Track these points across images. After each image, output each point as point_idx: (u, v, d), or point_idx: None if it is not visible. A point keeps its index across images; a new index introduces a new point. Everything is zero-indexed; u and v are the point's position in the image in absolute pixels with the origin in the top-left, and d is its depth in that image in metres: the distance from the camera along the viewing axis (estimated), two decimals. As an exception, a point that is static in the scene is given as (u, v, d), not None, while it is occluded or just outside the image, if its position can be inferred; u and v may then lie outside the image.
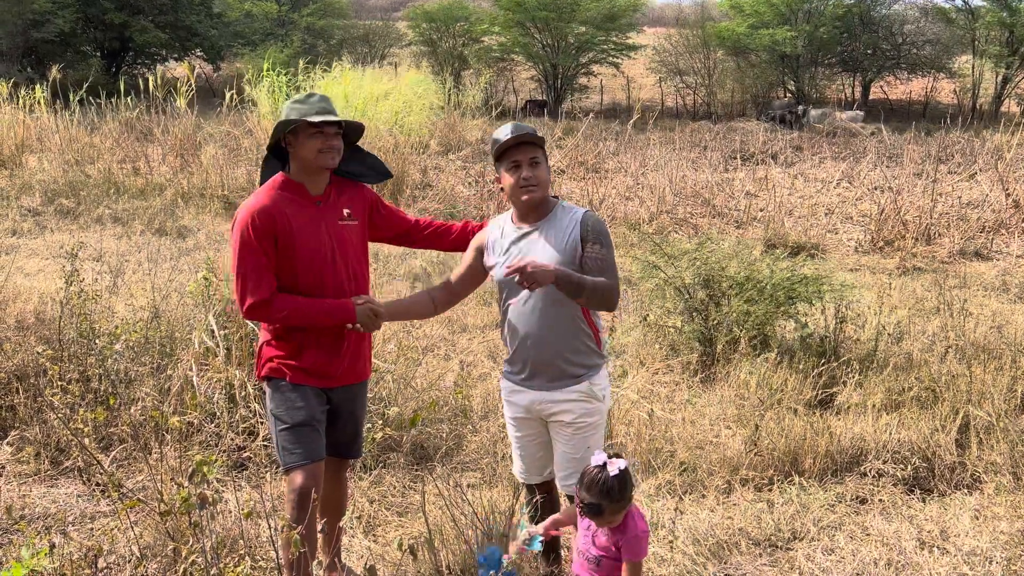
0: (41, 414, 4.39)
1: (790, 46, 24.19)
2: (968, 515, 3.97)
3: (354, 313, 3.03)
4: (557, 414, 3.05)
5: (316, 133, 3.00)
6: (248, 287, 2.96)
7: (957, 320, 5.93)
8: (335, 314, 3.03)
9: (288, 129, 3.04)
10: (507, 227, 3.13)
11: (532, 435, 3.17)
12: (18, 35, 24.41)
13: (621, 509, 2.69)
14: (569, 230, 2.99)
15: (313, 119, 2.97)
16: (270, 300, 2.97)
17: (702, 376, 5.46)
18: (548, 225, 3.03)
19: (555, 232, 3.00)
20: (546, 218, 3.04)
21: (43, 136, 13.92)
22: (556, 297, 2.95)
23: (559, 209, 3.06)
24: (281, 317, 3.00)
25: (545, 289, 2.92)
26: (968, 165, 14.24)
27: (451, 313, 6.81)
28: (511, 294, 3.06)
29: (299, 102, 3.07)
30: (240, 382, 4.49)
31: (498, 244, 3.12)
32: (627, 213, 10.88)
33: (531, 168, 2.99)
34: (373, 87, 14.75)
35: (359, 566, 3.54)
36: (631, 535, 2.70)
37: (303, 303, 3.00)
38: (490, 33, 27.70)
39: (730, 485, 4.23)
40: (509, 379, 3.16)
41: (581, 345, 3.03)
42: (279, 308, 2.98)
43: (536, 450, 3.19)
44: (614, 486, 2.64)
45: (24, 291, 6.48)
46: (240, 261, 2.97)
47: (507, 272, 2.87)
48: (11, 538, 3.60)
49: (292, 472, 2.98)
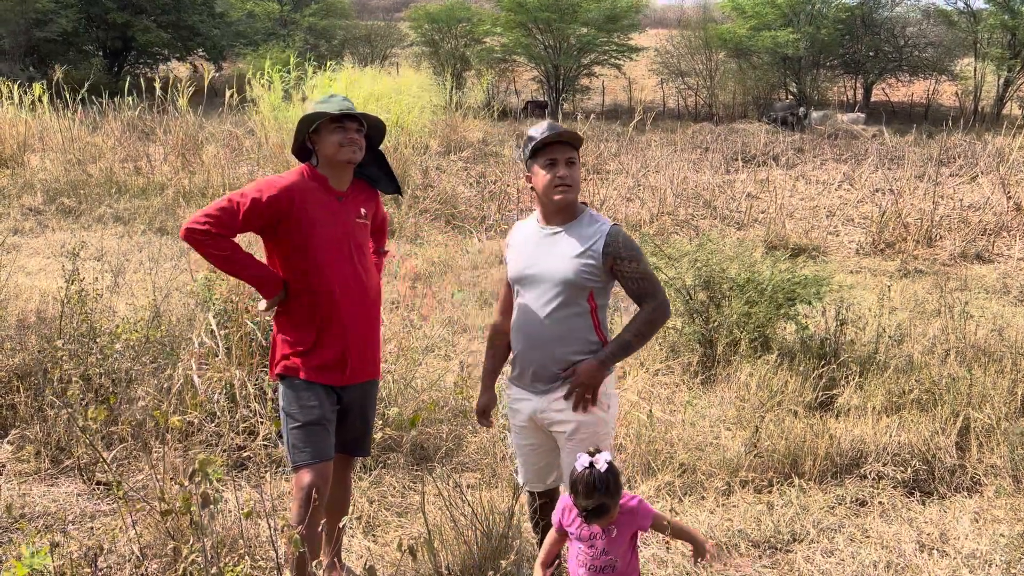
0: (42, 413, 4.39)
1: (792, 48, 24.18)
2: (968, 518, 3.97)
3: (274, 294, 3.09)
4: (558, 423, 3.01)
5: (338, 128, 3.08)
6: (211, 215, 2.98)
7: (958, 323, 5.92)
8: (262, 286, 3.09)
9: (312, 128, 3.12)
10: (532, 227, 3.11)
11: (535, 444, 3.15)
12: (21, 34, 24.43)
13: (619, 500, 2.68)
14: (592, 240, 2.96)
15: (333, 112, 3.05)
16: (215, 235, 2.98)
17: (702, 378, 5.46)
18: (573, 229, 3.01)
19: (577, 238, 2.98)
20: (572, 222, 3.02)
21: (45, 135, 13.94)
22: (570, 301, 2.96)
23: (586, 216, 3.04)
24: (211, 255, 3.02)
25: (558, 285, 2.95)
26: (970, 168, 14.24)
27: (452, 313, 6.82)
28: (523, 292, 3.06)
29: (322, 102, 3.15)
30: (240, 382, 4.49)
31: (522, 243, 3.11)
32: (628, 214, 10.88)
33: (567, 167, 2.97)
34: (373, 86, 14.76)
35: (358, 566, 3.55)
36: (636, 512, 2.71)
37: (243, 258, 3.04)
38: (492, 34, 27.70)
39: (730, 487, 4.23)
40: (513, 383, 3.16)
41: (584, 348, 2.99)
42: (218, 247, 3.00)
43: (538, 459, 3.17)
44: (608, 479, 2.62)
45: (25, 290, 6.49)
46: (229, 196, 3.03)
47: (566, 403, 2.98)
48: (11, 537, 3.60)
49: (301, 471, 3.01)
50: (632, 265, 2.95)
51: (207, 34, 28.57)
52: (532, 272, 3.01)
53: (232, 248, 3.04)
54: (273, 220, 3.04)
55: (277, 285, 3.10)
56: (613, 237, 2.95)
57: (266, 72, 14.52)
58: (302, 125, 3.13)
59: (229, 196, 3.04)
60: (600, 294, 3.00)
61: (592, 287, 2.96)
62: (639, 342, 3.00)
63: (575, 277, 2.93)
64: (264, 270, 3.10)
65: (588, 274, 2.94)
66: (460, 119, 17.91)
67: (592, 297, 2.98)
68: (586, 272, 2.94)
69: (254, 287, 3.15)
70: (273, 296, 3.11)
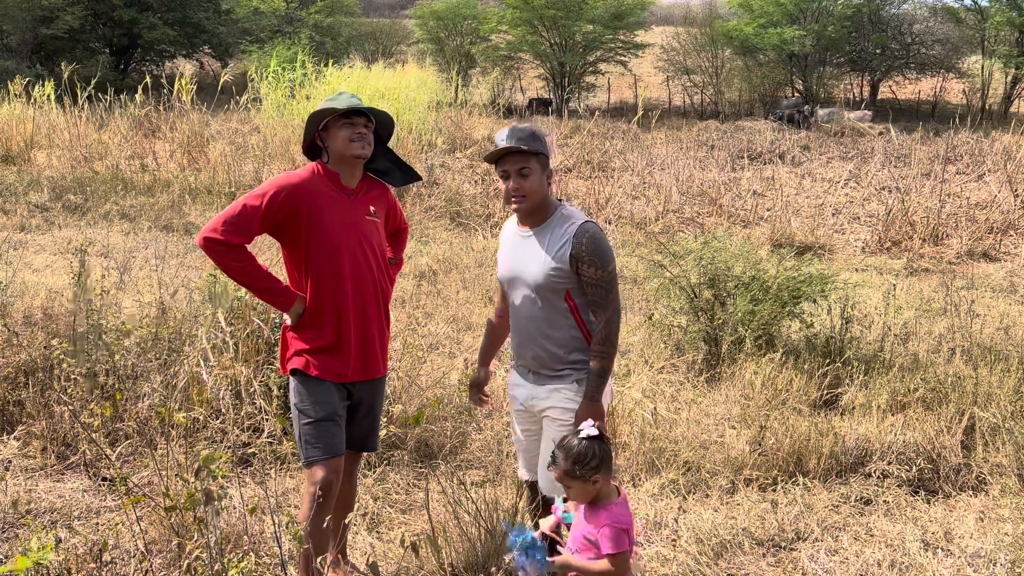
0: (48, 409, 4.41)
1: (798, 45, 24.08)
2: (973, 517, 3.96)
3: (288, 305, 3.12)
4: (546, 411, 3.11)
5: (346, 123, 3.10)
6: (229, 222, 3.00)
7: (964, 321, 5.90)
8: (275, 299, 3.12)
9: (321, 126, 3.14)
10: (513, 228, 3.19)
11: (530, 431, 3.24)
12: (27, 31, 24.50)
13: (586, 481, 2.65)
14: (561, 243, 2.99)
15: (342, 108, 3.07)
16: (234, 246, 3.01)
17: (707, 376, 5.45)
18: (544, 232, 3.05)
19: (549, 239, 3.03)
20: (543, 224, 3.06)
21: (51, 132, 13.98)
22: (548, 302, 3.03)
23: (558, 215, 3.05)
24: (227, 266, 3.04)
25: (534, 289, 3.02)
26: (977, 166, 14.18)
27: (456, 311, 6.82)
28: (509, 291, 3.17)
29: (330, 99, 3.16)
30: (246, 378, 4.50)
31: (506, 244, 3.21)
32: (633, 212, 10.87)
33: (519, 179, 3.00)
34: (377, 83, 14.77)
35: (362, 563, 3.55)
36: (610, 524, 2.65)
37: (255, 271, 3.06)
38: (498, 31, 27.67)
39: (734, 485, 4.23)
40: (514, 369, 3.26)
41: (568, 344, 3.05)
42: (234, 258, 3.03)
43: (533, 447, 3.25)
44: (582, 451, 2.63)
45: (32, 286, 6.51)
46: (243, 201, 3.05)
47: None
48: (17, 532, 3.62)
49: (313, 466, 3.04)
50: (591, 270, 2.97)
51: (213, 31, 28.62)
52: (512, 275, 3.12)
53: (247, 259, 3.06)
54: (285, 218, 3.07)
55: (291, 298, 3.12)
56: (578, 238, 2.97)
57: (271, 69, 14.55)
58: (311, 122, 3.16)
59: (244, 201, 3.05)
60: (577, 292, 3.03)
61: (566, 287, 3.01)
62: (609, 361, 3.00)
63: (546, 281, 2.99)
64: (277, 284, 3.11)
65: (558, 278, 2.99)
66: (465, 116, 17.90)
67: (570, 296, 3.03)
68: (555, 276, 2.98)
69: (267, 302, 3.19)
70: (289, 308, 3.13)
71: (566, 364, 3.05)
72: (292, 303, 3.12)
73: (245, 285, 3.15)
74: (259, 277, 3.09)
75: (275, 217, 3.05)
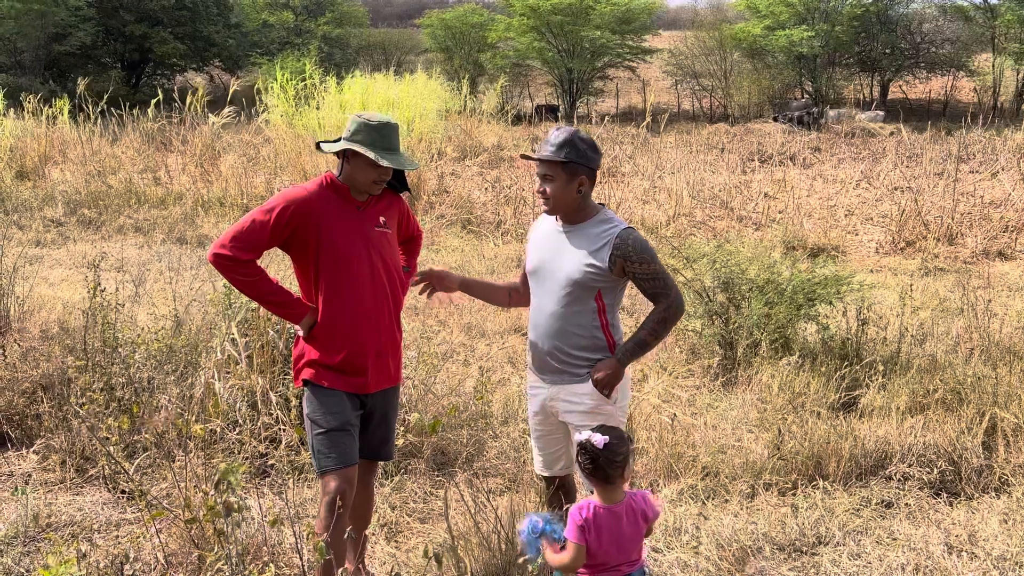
0: (67, 423, 4.43)
1: (807, 46, 24.02)
2: (996, 519, 3.92)
3: (300, 318, 3.14)
4: (566, 413, 3.15)
5: (376, 167, 3.09)
6: (238, 238, 3.03)
7: (981, 321, 5.85)
8: (286, 312, 3.15)
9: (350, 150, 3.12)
10: (550, 223, 3.24)
11: (548, 430, 3.29)
12: (40, 48, 24.77)
13: (601, 479, 2.74)
14: (600, 242, 3.07)
15: (381, 162, 3.04)
16: (243, 262, 3.04)
17: (723, 380, 5.42)
18: (582, 229, 3.13)
19: (584, 239, 3.10)
20: (583, 223, 3.14)
21: (65, 148, 14.10)
22: (577, 299, 3.08)
23: (599, 216, 3.14)
24: (238, 281, 3.08)
25: (566, 284, 3.07)
26: (990, 164, 14.08)
27: (470, 319, 6.82)
28: (536, 285, 3.21)
29: (372, 128, 3.09)
30: (262, 389, 4.51)
31: (540, 238, 3.25)
32: (644, 216, 10.84)
33: (544, 183, 3.11)
34: (386, 92, 14.85)
35: (381, 572, 3.55)
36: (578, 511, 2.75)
37: (265, 285, 3.09)
38: (505, 39, 27.75)
39: (753, 489, 4.20)
40: (529, 372, 3.30)
41: (589, 345, 3.10)
42: (244, 273, 3.06)
43: (549, 444, 3.31)
44: (586, 458, 2.73)
45: (48, 300, 6.55)
46: (252, 216, 3.07)
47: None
48: (38, 546, 3.63)
49: (327, 476, 3.05)
50: (643, 267, 3.06)
51: (223, 44, 28.85)
52: (544, 268, 3.17)
53: (257, 274, 3.08)
54: (294, 232, 3.08)
55: (302, 310, 3.14)
56: (623, 240, 3.06)
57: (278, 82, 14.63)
58: (346, 146, 3.09)
59: (252, 216, 3.07)
60: (608, 294, 3.10)
61: (599, 287, 3.08)
62: (654, 340, 3.12)
63: (581, 277, 3.06)
64: (288, 297, 3.13)
65: (594, 274, 3.05)
66: (475, 124, 17.94)
67: (600, 296, 3.09)
68: (591, 272, 3.05)
69: (279, 315, 3.22)
70: (301, 320, 3.15)
71: (583, 364, 3.10)
72: (303, 315, 3.14)
73: (256, 299, 3.18)
74: (269, 291, 3.11)
75: (284, 231, 3.07)
